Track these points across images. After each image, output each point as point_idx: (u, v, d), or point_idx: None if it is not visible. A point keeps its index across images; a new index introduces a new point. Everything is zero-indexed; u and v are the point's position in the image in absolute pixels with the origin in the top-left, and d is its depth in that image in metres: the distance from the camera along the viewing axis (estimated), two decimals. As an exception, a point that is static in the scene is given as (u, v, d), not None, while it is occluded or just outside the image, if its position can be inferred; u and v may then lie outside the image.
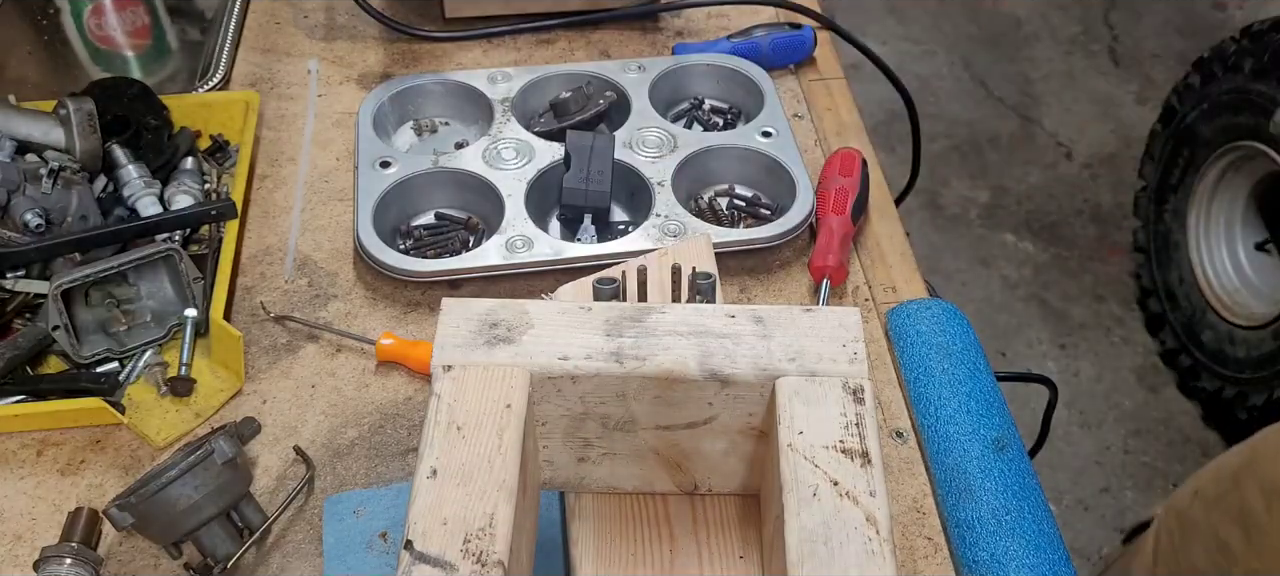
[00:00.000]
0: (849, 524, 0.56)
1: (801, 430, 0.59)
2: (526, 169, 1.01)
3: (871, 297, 0.96)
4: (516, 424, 0.59)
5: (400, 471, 0.82)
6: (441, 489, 0.56)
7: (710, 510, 0.69)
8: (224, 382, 0.88)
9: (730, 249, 0.95)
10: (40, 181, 0.92)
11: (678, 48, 1.19)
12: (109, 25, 1.20)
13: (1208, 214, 2.17)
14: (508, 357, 0.62)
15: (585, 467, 0.68)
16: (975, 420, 0.82)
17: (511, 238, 0.94)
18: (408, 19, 1.23)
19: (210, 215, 0.94)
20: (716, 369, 0.62)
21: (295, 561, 0.77)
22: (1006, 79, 3.03)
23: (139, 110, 1.03)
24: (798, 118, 1.13)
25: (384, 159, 1.01)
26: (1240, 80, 1.99)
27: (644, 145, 1.04)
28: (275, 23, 1.26)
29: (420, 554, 0.54)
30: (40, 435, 0.85)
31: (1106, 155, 2.81)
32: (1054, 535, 0.77)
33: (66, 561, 0.72)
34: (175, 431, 0.84)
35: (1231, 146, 2.06)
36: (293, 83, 1.17)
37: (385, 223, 0.98)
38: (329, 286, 0.96)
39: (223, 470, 0.72)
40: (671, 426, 0.65)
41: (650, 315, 0.65)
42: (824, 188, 0.99)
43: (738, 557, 0.67)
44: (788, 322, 0.64)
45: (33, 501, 0.80)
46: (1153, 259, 2.30)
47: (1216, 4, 3.26)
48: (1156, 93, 2.85)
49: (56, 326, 0.85)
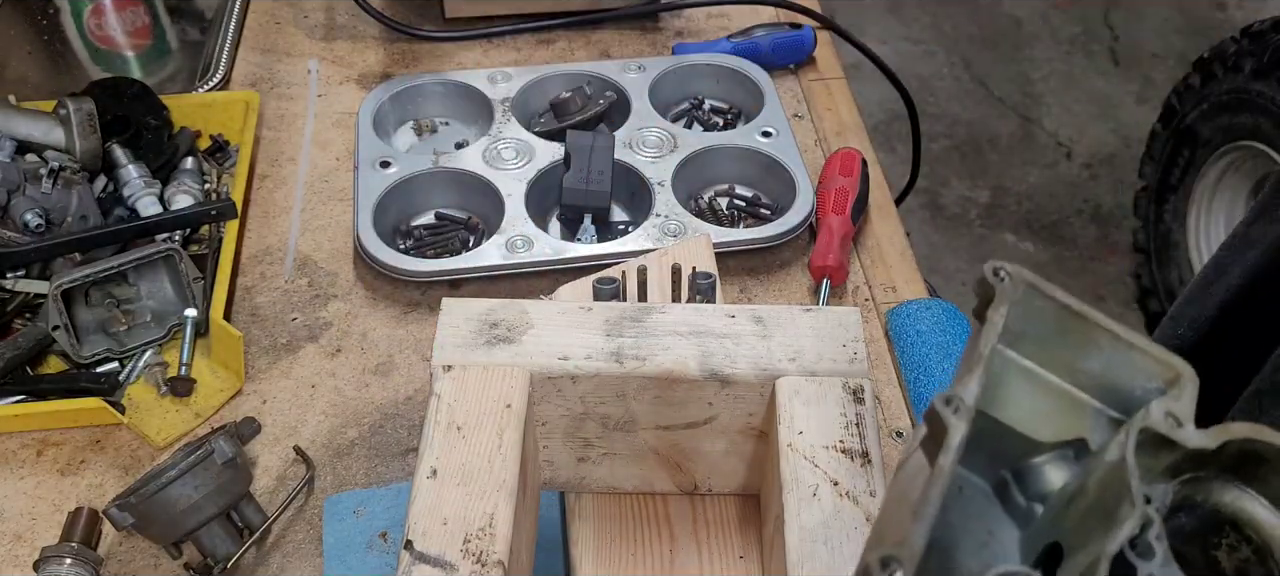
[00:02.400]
0: (849, 524, 0.56)
1: (801, 430, 0.59)
2: (526, 169, 1.01)
3: (871, 297, 0.96)
4: (516, 424, 0.59)
5: (400, 471, 0.82)
6: (441, 489, 0.56)
7: (710, 510, 0.69)
8: (224, 382, 0.88)
9: (730, 249, 0.95)
10: (40, 181, 0.92)
11: (678, 48, 1.19)
12: (109, 25, 1.20)
13: (1208, 214, 2.17)
14: (508, 357, 0.62)
15: (585, 467, 0.68)
16: (975, 420, 0.82)
17: (511, 238, 0.94)
18: (408, 19, 1.23)
19: (210, 215, 0.94)
20: (716, 369, 0.62)
21: (295, 561, 0.77)
22: (1006, 79, 3.03)
23: (139, 110, 1.03)
24: (798, 118, 1.13)
25: (384, 159, 1.01)
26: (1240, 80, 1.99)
27: (644, 145, 1.04)
28: (275, 23, 1.26)
29: (420, 554, 0.54)
30: (40, 435, 0.85)
31: (1106, 155, 2.81)
32: (1054, 535, 0.77)
33: (66, 561, 0.72)
34: (175, 431, 0.84)
35: (1231, 146, 2.05)
36: (293, 83, 1.17)
37: (385, 223, 0.98)
38: (329, 286, 0.96)
39: (223, 470, 0.72)
40: (671, 426, 0.65)
41: (650, 315, 0.65)
42: (824, 188, 0.99)
43: (738, 557, 0.67)
44: (788, 322, 0.64)
45: (33, 501, 0.80)
46: (1153, 259, 2.30)
47: (1216, 4, 3.26)
48: (1156, 93, 2.85)
49: (56, 326, 0.85)
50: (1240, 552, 0.38)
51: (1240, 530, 0.38)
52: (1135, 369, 0.38)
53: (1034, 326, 0.39)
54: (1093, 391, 0.39)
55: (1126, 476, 0.35)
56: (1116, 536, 0.34)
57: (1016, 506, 0.38)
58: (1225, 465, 0.38)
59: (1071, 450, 0.39)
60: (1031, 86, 3.01)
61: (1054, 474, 0.38)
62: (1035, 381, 0.39)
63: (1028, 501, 0.38)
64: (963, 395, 0.35)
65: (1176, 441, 0.36)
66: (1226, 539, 0.39)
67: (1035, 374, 0.39)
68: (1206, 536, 0.39)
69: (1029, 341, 0.39)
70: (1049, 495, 0.38)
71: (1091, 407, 0.39)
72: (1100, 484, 0.36)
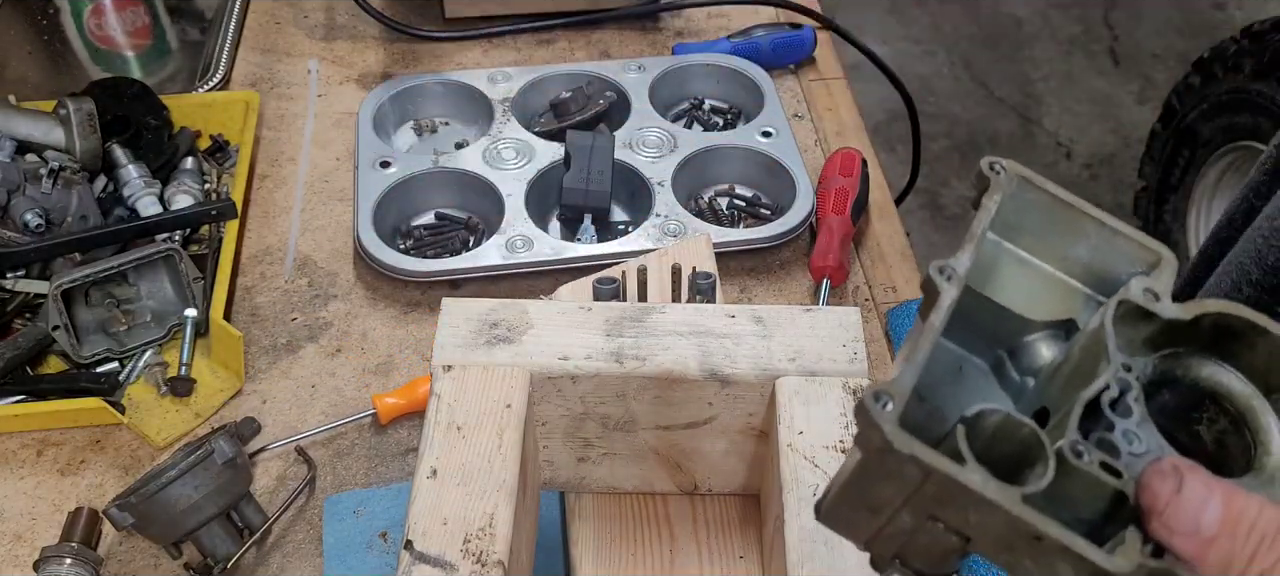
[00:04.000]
0: (849, 524, 0.56)
1: (801, 430, 0.59)
2: (526, 169, 1.01)
3: (871, 297, 0.96)
4: (516, 424, 0.59)
5: (400, 471, 0.82)
6: (441, 489, 0.56)
7: (710, 510, 0.69)
8: (224, 382, 0.88)
9: (730, 249, 0.95)
10: (40, 181, 0.92)
11: (678, 48, 1.19)
12: (109, 25, 1.20)
13: (1208, 214, 2.17)
14: (508, 357, 0.62)
15: (585, 467, 0.68)
16: (975, 420, 0.82)
17: (511, 238, 0.94)
18: (408, 19, 1.23)
19: (210, 215, 0.94)
20: (716, 369, 0.62)
21: (295, 561, 0.77)
22: (1006, 79, 3.03)
23: (139, 110, 1.03)
24: (798, 118, 1.13)
25: (384, 159, 1.01)
26: (1240, 80, 1.99)
27: (644, 145, 1.04)
28: (275, 23, 1.26)
29: (420, 554, 0.54)
30: (40, 435, 0.85)
31: (1106, 155, 2.81)
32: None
33: (66, 561, 0.72)
34: (175, 431, 0.84)
35: (1231, 146, 2.05)
36: (293, 83, 1.17)
37: (385, 223, 0.98)
38: (329, 286, 0.96)
39: (223, 470, 0.72)
40: (671, 426, 0.65)
41: (650, 315, 0.65)
42: (824, 188, 0.99)
43: (738, 557, 0.67)
44: (788, 322, 0.64)
45: (33, 501, 0.80)
46: (1153, 259, 2.30)
47: (1216, 4, 3.25)
48: (1156, 93, 2.85)
49: (56, 326, 0.85)
50: (1218, 424, 0.41)
51: (1218, 402, 0.40)
52: (1120, 254, 0.41)
53: (1027, 218, 0.42)
54: (1081, 277, 0.42)
55: (1104, 339, 0.38)
56: (1093, 386, 0.37)
57: (1011, 381, 0.41)
58: (1203, 342, 0.40)
59: (1062, 330, 0.41)
60: (1031, 86, 3.01)
61: (1046, 350, 0.41)
62: (1028, 268, 0.42)
63: (1021, 376, 0.41)
64: (954, 265, 0.39)
65: (1154, 313, 0.39)
66: (1206, 412, 0.41)
67: (1028, 261, 0.42)
68: (1188, 411, 0.41)
69: (1023, 232, 0.42)
70: (1041, 370, 0.41)
71: (1081, 292, 0.42)
72: (1082, 350, 0.39)
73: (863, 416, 0.35)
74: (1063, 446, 0.36)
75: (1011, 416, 0.38)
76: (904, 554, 0.40)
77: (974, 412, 0.38)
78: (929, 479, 0.35)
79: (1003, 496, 0.34)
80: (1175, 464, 0.35)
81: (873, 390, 0.35)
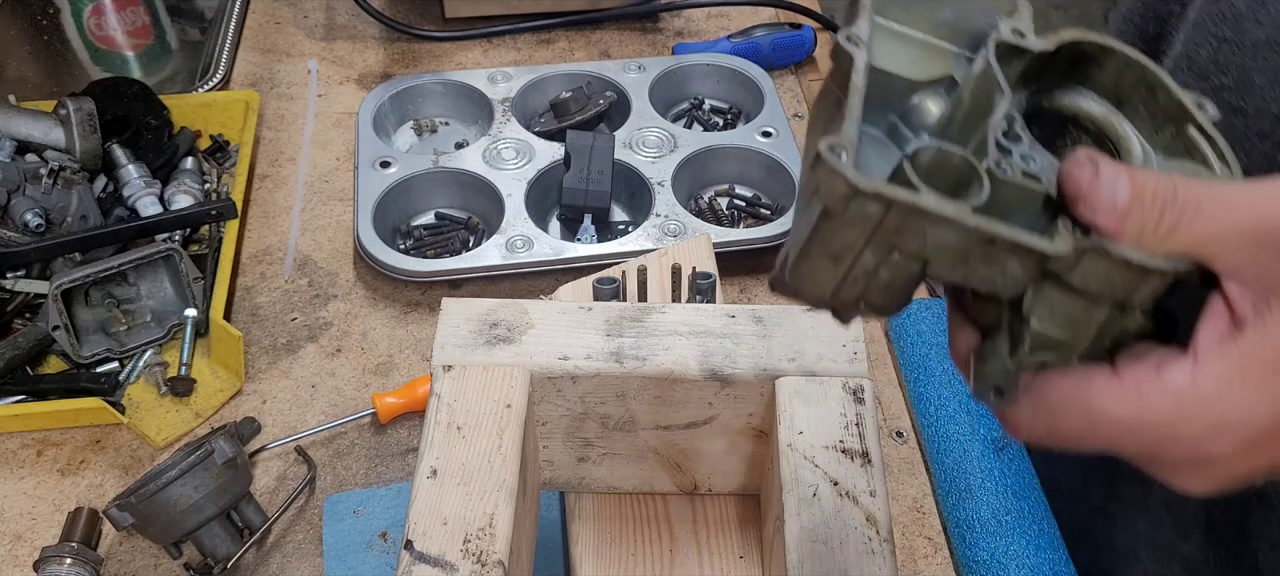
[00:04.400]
0: (849, 524, 0.56)
1: (801, 430, 0.59)
2: (526, 169, 1.01)
3: (871, 298, 0.96)
4: (516, 424, 0.59)
5: (400, 471, 0.82)
6: (441, 489, 0.56)
7: (710, 510, 0.69)
8: (224, 382, 0.88)
9: (730, 249, 0.95)
10: (40, 181, 0.92)
11: (678, 48, 1.19)
12: (109, 25, 1.20)
13: None
14: (508, 357, 0.62)
15: (585, 467, 0.68)
16: (975, 420, 0.82)
17: (511, 238, 0.94)
18: (408, 19, 1.23)
19: (210, 215, 0.94)
20: (716, 369, 0.62)
21: (295, 561, 0.77)
22: (1006, 79, 3.03)
23: (139, 110, 1.03)
24: (798, 118, 1.13)
25: (384, 159, 1.01)
26: (1240, 80, 1.98)
27: (644, 145, 1.04)
28: (275, 23, 1.26)
29: (420, 554, 0.54)
30: (40, 435, 0.85)
31: (1106, 155, 2.81)
32: (1054, 535, 0.77)
33: (66, 561, 0.72)
34: (175, 431, 0.84)
35: (1231, 146, 2.05)
36: (293, 83, 1.17)
37: (385, 223, 0.98)
38: (329, 286, 0.96)
39: (223, 470, 0.72)
40: (671, 426, 0.65)
41: (650, 315, 0.65)
42: (824, 188, 0.99)
43: (738, 557, 0.67)
44: (788, 322, 0.64)
45: (33, 501, 0.80)
46: (1152, 259, 2.30)
47: (1216, 4, 3.26)
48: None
49: (56, 326, 0.85)
50: (1082, 141, 0.45)
51: (1080, 124, 0.46)
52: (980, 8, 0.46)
53: None
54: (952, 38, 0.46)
55: (993, 74, 0.42)
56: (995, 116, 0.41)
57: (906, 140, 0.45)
58: (1063, 70, 0.46)
59: (943, 87, 0.45)
60: (1031, 86, 3.01)
61: (933, 106, 0.45)
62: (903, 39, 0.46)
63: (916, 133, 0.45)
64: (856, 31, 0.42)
65: (1023, 48, 0.44)
66: (1070, 136, 0.46)
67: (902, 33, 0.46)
68: (1054, 138, 0.46)
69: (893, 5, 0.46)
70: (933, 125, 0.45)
71: (951, 51, 0.46)
72: (973, 93, 0.43)
73: (825, 170, 0.37)
74: (989, 165, 0.40)
75: (944, 148, 0.41)
76: (866, 295, 0.43)
77: (912, 150, 0.42)
78: (890, 210, 0.38)
79: (958, 212, 0.38)
80: (1089, 154, 0.40)
81: (827, 143, 0.37)
